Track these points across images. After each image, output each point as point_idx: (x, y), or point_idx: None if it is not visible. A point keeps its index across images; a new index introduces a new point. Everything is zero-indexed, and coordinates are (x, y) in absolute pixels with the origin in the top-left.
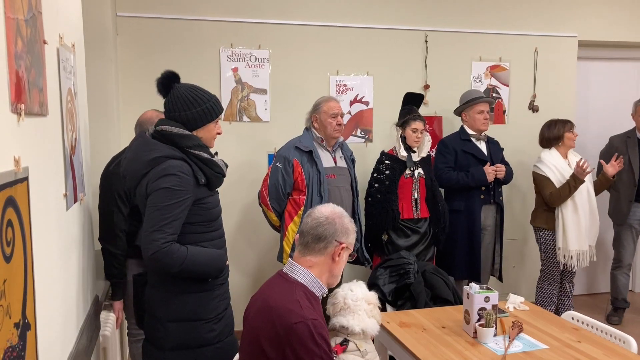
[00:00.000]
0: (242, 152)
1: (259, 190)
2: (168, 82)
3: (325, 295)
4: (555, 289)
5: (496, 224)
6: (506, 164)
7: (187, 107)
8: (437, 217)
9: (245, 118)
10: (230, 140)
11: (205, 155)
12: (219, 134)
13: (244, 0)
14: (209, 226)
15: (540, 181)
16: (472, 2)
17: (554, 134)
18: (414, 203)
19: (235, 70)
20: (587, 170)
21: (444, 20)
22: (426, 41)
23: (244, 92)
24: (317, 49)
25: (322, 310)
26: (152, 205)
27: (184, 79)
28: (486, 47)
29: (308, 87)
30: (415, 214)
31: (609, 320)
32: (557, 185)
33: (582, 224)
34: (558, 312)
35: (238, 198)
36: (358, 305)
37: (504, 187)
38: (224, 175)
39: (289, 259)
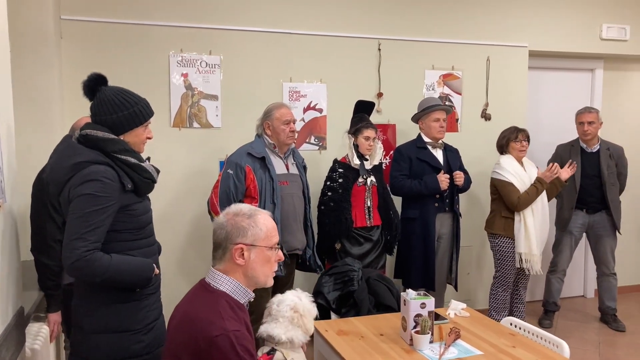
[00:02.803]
0: (192, 159)
1: (209, 198)
2: (94, 85)
3: (252, 300)
4: (508, 295)
5: (452, 232)
6: (465, 171)
7: (114, 111)
8: (389, 224)
9: (195, 124)
10: (180, 147)
11: (132, 160)
12: (149, 138)
13: (194, 5)
14: (137, 234)
15: (503, 187)
16: (425, 11)
17: (500, 141)
18: (366, 211)
19: (185, 75)
20: (555, 174)
21: (396, 29)
22: (379, 49)
23: (194, 98)
24: (269, 56)
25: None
26: (73, 212)
27: (132, 84)
28: (439, 56)
29: (260, 93)
30: (368, 222)
31: (541, 324)
32: (520, 189)
33: (538, 229)
34: None
35: (189, 207)
36: (279, 312)
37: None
38: (153, 181)
39: (211, 267)
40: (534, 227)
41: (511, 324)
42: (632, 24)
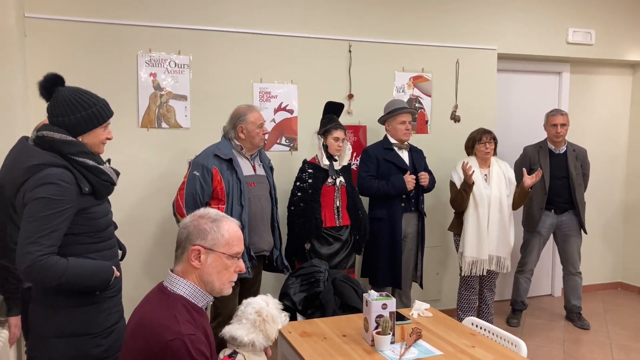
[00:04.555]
0: (160, 160)
1: (174, 200)
2: (51, 85)
3: (211, 303)
4: (472, 295)
5: (418, 231)
6: (429, 172)
7: (71, 112)
8: (358, 223)
9: (164, 125)
10: (148, 147)
11: (90, 162)
12: (109, 139)
13: (163, 5)
14: (95, 237)
15: (450, 187)
16: (395, 13)
17: (467, 142)
18: (336, 211)
19: (153, 75)
20: (469, 173)
21: (367, 31)
22: (350, 51)
23: (163, 98)
24: (239, 56)
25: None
26: (28, 216)
27: (99, 84)
28: (409, 58)
29: (230, 94)
30: (337, 222)
31: (508, 323)
32: (474, 191)
33: (483, 232)
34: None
35: (156, 208)
36: (244, 314)
37: (428, 195)
38: (112, 184)
39: (169, 270)
40: (475, 229)
41: (472, 324)
42: (597, 28)
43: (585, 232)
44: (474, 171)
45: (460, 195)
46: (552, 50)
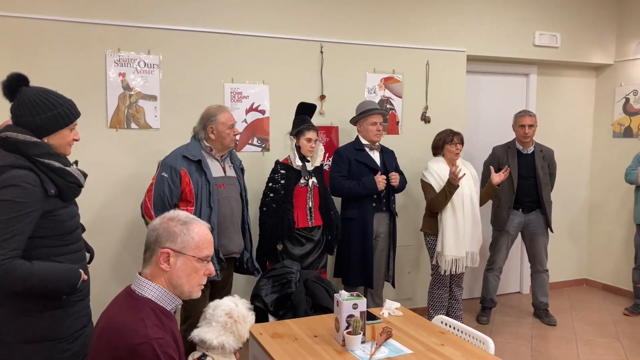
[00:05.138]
0: (130, 161)
1: (142, 201)
2: (15, 85)
3: (179, 306)
4: (444, 293)
5: (389, 231)
6: (400, 172)
7: (36, 112)
8: (330, 224)
9: (133, 125)
10: (117, 148)
11: (56, 164)
12: (76, 140)
13: (132, 3)
14: (62, 240)
15: (423, 187)
16: (367, 14)
17: (436, 143)
18: (308, 212)
19: (122, 75)
20: (459, 176)
21: (338, 32)
22: (322, 52)
23: (132, 98)
24: (210, 56)
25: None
26: None
27: (66, 85)
28: (380, 59)
29: (201, 94)
30: (309, 223)
31: (478, 321)
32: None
33: (460, 230)
34: (448, 316)
35: (125, 210)
36: (214, 316)
37: (399, 194)
38: (80, 186)
39: (137, 274)
40: (453, 227)
41: (442, 322)
42: (562, 31)
43: (552, 231)
44: (464, 174)
45: (443, 197)
46: (520, 52)
